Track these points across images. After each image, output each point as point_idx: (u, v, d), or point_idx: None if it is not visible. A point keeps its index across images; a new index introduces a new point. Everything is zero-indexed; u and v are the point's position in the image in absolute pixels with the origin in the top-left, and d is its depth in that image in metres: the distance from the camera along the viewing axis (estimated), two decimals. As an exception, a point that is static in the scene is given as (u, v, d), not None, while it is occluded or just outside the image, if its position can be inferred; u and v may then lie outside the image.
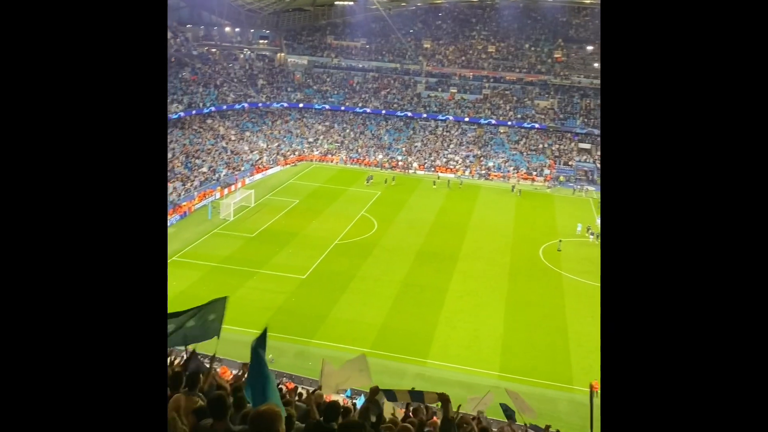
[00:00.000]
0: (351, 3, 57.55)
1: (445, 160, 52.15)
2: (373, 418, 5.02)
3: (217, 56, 57.19)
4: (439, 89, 57.63)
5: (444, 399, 5.49)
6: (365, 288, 28.06)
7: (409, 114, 55.80)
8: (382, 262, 31.11)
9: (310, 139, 54.39)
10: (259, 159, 48.59)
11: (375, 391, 5.87)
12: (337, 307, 26.01)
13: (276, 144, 52.06)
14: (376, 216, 38.37)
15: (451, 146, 53.79)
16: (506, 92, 56.64)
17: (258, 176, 45.99)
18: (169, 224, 34.85)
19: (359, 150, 53.44)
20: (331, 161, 52.17)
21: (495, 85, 57.22)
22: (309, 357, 21.64)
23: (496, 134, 54.70)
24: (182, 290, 26.73)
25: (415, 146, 53.80)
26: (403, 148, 53.55)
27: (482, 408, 11.02)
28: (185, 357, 11.43)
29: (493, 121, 54.51)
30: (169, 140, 43.85)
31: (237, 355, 20.03)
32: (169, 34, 50.29)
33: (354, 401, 15.43)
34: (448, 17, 63.35)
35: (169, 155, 42.11)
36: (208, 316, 6.33)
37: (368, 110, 56.20)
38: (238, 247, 32.16)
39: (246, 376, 5.44)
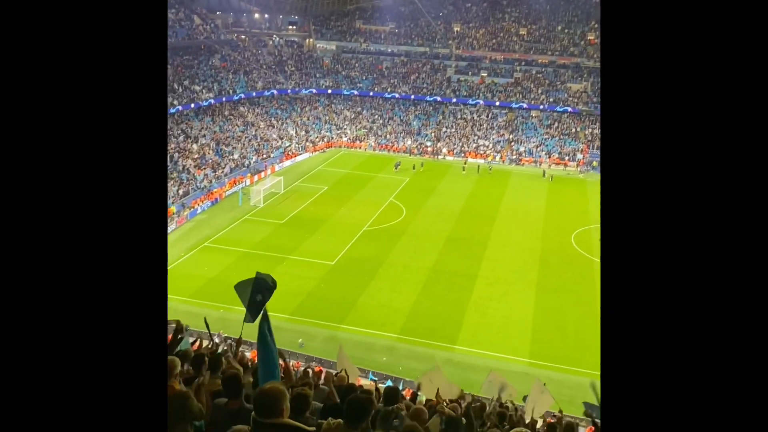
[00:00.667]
0: (379, -13, 57.14)
1: (475, 145, 51.60)
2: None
3: (246, 43, 57.45)
4: (470, 73, 56.88)
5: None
6: (394, 274, 28.05)
7: (439, 99, 55.25)
8: (410, 248, 31.03)
9: (339, 126, 54.38)
10: (288, 146, 48.83)
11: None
12: (366, 293, 26.08)
13: (305, 130, 52.21)
14: (405, 202, 38.24)
15: (482, 131, 53.18)
16: (538, 75, 55.60)
17: (287, 163, 46.25)
18: (200, 210, 35.36)
19: (388, 136, 53.22)
20: (360, 147, 52.11)
21: (527, 68, 56.22)
22: (338, 342, 21.75)
23: (528, 118, 53.84)
24: (214, 276, 27.14)
25: (445, 131, 53.34)
26: (432, 134, 53.13)
27: (488, 389, 10.88)
28: (215, 341, 11.56)
29: (525, 105, 53.62)
30: (199, 127, 44.35)
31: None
32: (199, 21, 50.69)
33: (380, 384, 15.46)
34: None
35: (201, 142, 42.61)
36: (256, 295, 6.61)
37: (397, 95, 55.82)
38: (268, 233, 32.46)
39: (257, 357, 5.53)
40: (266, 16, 60.73)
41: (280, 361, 5.54)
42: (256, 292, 6.59)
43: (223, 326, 22.25)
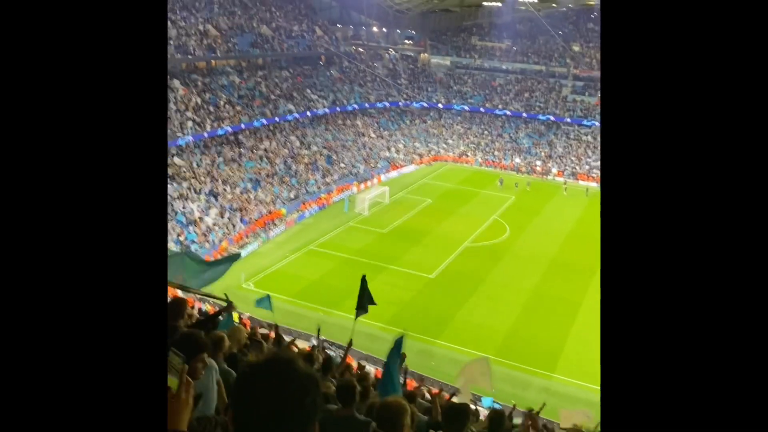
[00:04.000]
0: (499, 4, 56.62)
1: (587, 167, 49.60)
2: None
3: (363, 55, 59.09)
4: (586, 93, 54.86)
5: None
6: (493, 293, 27.48)
7: (552, 118, 53.71)
8: (512, 268, 30.27)
9: (447, 140, 54.39)
10: (396, 157, 49.48)
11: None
12: (464, 310, 25.73)
13: (413, 143, 52.70)
14: (509, 221, 37.42)
15: (596, 154, 51.02)
16: (661, 98, 52.57)
17: (393, 174, 46.84)
18: (308, 214, 36.63)
19: (496, 153, 52.48)
20: (466, 162, 51.77)
21: (649, 90, 53.35)
22: (432, 356, 21.61)
23: (647, 143, 50.98)
24: (316, 279, 27.95)
25: (556, 151, 51.75)
26: (543, 153, 51.72)
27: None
28: (317, 345, 11.82)
29: (644, 129, 50.82)
30: (313, 135, 46.09)
31: (360, 346, 20.56)
32: (320, 33, 52.81)
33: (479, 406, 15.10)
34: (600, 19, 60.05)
35: (313, 149, 44.24)
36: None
37: (508, 113, 54.95)
38: (370, 241, 32.96)
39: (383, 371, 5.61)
40: (384, 30, 62.14)
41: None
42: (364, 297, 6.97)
43: (322, 329, 22.82)
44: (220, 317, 5.70)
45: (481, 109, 55.80)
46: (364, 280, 7.76)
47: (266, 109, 42.15)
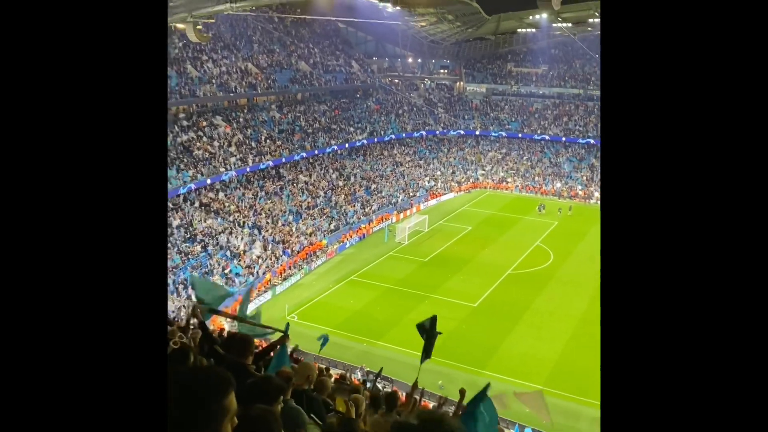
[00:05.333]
0: (533, 30, 56.65)
1: (630, 190, 48.56)
2: None
3: (399, 86, 59.80)
4: (626, 115, 54.00)
5: None
6: (539, 321, 26.90)
7: (592, 141, 53.01)
8: (557, 295, 29.63)
9: (485, 167, 54.18)
10: (434, 185, 49.49)
11: None
12: (509, 339, 25.23)
13: (451, 171, 52.69)
14: (552, 247, 36.79)
15: (638, 176, 49.98)
16: (705, 117, 51.32)
17: (432, 202, 46.82)
18: (349, 245, 36.80)
19: (536, 178, 51.95)
20: (506, 189, 51.36)
21: (692, 109, 52.19)
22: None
23: (692, 163, 49.68)
24: (359, 309, 27.92)
25: (598, 175, 50.84)
26: (584, 177, 50.94)
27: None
28: (370, 376, 11.78)
29: (689, 149, 49.60)
30: (352, 166, 46.60)
31: (407, 377, 20.33)
32: (356, 67, 53.79)
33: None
34: (638, 39, 59.38)
35: (351, 180, 44.68)
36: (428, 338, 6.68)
37: (547, 137, 54.50)
38: (411, 270, 32.83)
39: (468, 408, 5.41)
40: (419, 60, 62.87)
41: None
42: (427, 335, 6.63)
43: (366, 360, 22.66)
44: (273, 352, 5.70)
45: (519, 135, 55.52)
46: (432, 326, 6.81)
47: (306, 142, 42.94)
